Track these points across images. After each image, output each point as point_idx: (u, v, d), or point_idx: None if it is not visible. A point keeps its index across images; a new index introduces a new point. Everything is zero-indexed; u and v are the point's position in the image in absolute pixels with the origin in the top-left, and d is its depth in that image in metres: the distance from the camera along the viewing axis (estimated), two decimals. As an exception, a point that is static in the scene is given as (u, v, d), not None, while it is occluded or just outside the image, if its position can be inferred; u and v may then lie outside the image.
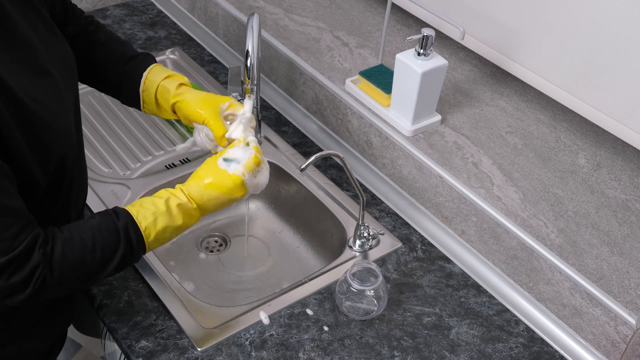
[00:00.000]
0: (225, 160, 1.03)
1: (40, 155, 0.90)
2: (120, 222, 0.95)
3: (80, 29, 1.15)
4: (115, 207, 0.98)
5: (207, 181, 1.01)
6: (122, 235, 0.94)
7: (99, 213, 0.97)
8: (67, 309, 1.15)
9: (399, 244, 1.31)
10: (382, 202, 1.40)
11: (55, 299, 1.09)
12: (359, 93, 1.42)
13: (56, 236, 0.91)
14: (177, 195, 1.00)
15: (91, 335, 1.42)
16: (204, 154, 1.49)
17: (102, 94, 1.68)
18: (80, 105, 1.23)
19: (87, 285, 0.99)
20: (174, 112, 1.13)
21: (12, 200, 0.86)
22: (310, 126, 1.57)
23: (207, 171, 1.02)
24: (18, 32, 0.90)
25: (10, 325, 1.03)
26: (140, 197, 1.35)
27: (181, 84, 1.12)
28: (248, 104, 1.11)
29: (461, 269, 1.28)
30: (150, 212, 0.97)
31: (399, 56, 1.28)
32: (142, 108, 1.16)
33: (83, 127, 1.45)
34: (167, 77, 1.13)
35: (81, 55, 1.12)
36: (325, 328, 1.16)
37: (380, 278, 1.16)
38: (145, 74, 1.13)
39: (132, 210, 0.97)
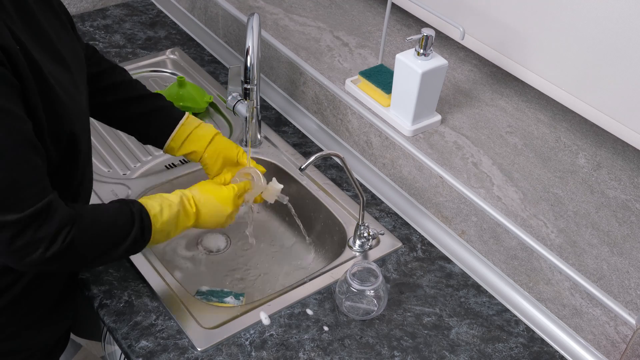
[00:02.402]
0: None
1: (54, 129, 0.95)
2: (134, 206, 1.04)
3: (101, 70, 1.22)
4: (127, 199, 1.08)
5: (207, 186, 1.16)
6: (137, 217, 1.02)
7: (113, 201, 1.06)
8: (71, 305, 1.18)
9: (399, 244, 1.31)
10: (382, 202, 1.40)
11: (60, 291, 1.12)
12: (359, 93, 1.42)
13: (80, 206, 0.99)
14: (184, 193, 1.12)
15: (91, 339, 1.42)
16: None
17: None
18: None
19: (100, 261, 1.04)
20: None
21: (40, 160, 0.91)
22: (310, 126, 1.57)
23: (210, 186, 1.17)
24: (38, 22, 0.97)
25: (19, 316, 1.06)
26: (140, 197, 1.36)
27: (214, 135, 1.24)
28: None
29: (461, 269, 1.28)
30: (157, 203, 1.06)
31: (399, 56, 1.28)
32: (164, 149, 1.24)
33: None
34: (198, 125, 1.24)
35: (115, 106, 1.22)
36: (325, 328, 1.16)
37: (380, 278, 1.16)
38: (185, 116, 1.24)
39: (143, 200, 1.07)
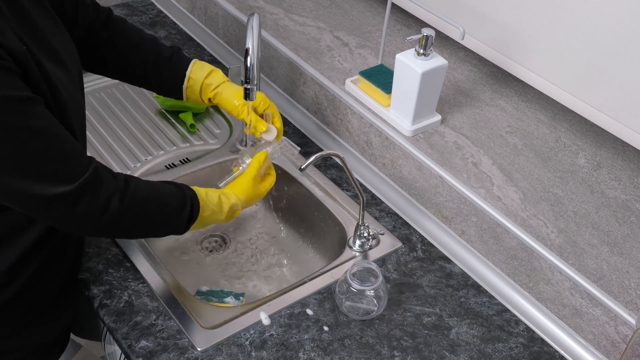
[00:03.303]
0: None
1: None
2: (187, 191, 1.08)
3: (93, 19, 1.19)
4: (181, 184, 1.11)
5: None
6: (188, 201, 1.07)
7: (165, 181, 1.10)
8: (69, 304, 1.17)
9: (399, 244, 1.31)
10: (382, 202, 1.40)
11: (59, 290, 1.12)
12: (359, 93, 1.42)
13: (130, 176, 1.03)
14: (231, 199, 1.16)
15: (91, 339, 1.42)
16: (204, 154, 1.50)
17: (103, 94, 1.68)
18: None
19: (148, 233, 1.08)
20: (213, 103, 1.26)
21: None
22: (310, 126, 1.57)
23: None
24: (34, 23, 0.96)
25: (16, 315, 1.06)
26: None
27: (222, 82, 1.24)
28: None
29: (461, 269, 1.28)
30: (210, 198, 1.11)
31: (399, 56, 1.28)
32: (185, 99, 1.26)
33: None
34: (209, 74, 1.24)
35: (112, 53, 1.21)
36: (325, 328, 1.16)
37: (380, 278, 1.16)
38: (188, 73, 1.23)
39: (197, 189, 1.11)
